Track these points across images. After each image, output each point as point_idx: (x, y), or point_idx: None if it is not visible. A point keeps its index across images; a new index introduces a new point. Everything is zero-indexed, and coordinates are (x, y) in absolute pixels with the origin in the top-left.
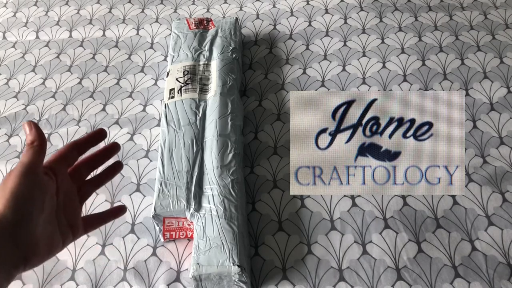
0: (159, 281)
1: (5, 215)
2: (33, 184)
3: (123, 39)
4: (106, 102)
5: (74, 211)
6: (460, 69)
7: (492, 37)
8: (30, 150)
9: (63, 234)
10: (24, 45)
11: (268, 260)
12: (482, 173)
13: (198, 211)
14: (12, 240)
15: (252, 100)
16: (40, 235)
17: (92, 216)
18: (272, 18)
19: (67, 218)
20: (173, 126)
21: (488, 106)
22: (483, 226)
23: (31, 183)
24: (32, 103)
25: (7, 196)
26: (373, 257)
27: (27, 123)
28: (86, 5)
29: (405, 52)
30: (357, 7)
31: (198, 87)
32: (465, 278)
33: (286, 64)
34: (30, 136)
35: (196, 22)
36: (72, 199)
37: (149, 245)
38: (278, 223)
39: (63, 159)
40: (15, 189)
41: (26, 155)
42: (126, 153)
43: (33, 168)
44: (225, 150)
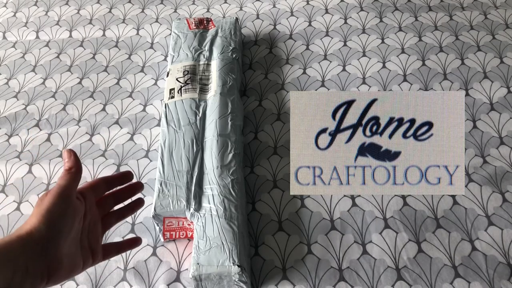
0: (159, 281)
1: (40, 229)
2: (67, 205)
3: (123, 39)
4: (106, 102)
5: (97, 238)
6: (460, 69)
7: (492, 37)
8: (68, 175)
9: (84, 257)
10: (24, 45)
11: (268, 260)
12: (482, 173)
13: (198, 211)
14: (42, 254)
15: (252, 100)
16: (65, 253)
17: (110, 244)
18: (272, 18)
19: (90, 242)
20: (173, 126)
21: (488, 106)
22: (483, 226)
23: (65, 204)
24: (32, 103)
25: (43, 213)
26: (373, 257)
27: (67, 151)
28: (86, 5)
29: (405, 52)
30: (357, 7)
31: (198, 87)
32: (465, 278)
33: (286, 64)
34: (69, 163)
35: (196, 22)
36: (96, 226)
37: (149, 245)
38: (278, 223)
39: (93, 189)
40: (51, 207)
41: (63, 178)
42: (126, 153)
43: (68, 191)
44: (225, 150)
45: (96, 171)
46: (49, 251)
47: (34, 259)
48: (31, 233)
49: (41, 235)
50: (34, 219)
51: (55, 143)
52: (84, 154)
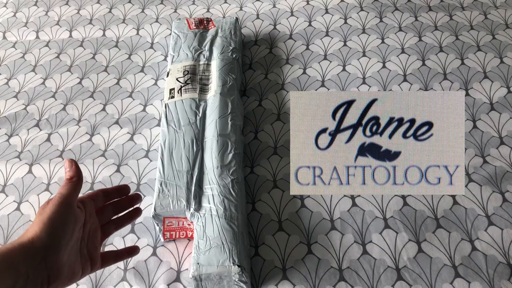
0: (159, 281)
1: (41, 237)
2: (68, 213)
3: (123, 39)
4: (106, 102)
5: (96, 246)
6: (460, 69)
7: (492, 37)
8: (69, 184)
9: (83, 265)
10: (24, 45)
11: (268, 260)
12: (482, 173)
13: (198, 211)
14: (43, 261)
15: (252, 100)
16: (65, 261)
17: (109, 252)
18: (272, 18)
19: (89, 250)
20: (173, 126)
21: (488, 106)
22: (483, 226)
23: (66, 212)
24: (32, 103)
25: (44, 221)
26: (373, 257)
27: (68, 161)
28: (86, 5)
29: (405, 52)
30: (357, 7)
31: (198, 87)
32: (465, 278)
33: (286, 64)
34: (70, 173)
35: (196, 22)
36: (96, 234)
37: (149, 245)
38: (278, 223)
39: (92, 199)
40: (52, 215)
41: (64, 187)
42: (126, 153)
43: (69, 200)
44: (225, 150)
45: (96, 171)
46: (50, 259)
47: (35, 267)
48: (32, 241)
49: (42, 243)
50: (35, 227)
51: (55, 143)
52: (84, 154)
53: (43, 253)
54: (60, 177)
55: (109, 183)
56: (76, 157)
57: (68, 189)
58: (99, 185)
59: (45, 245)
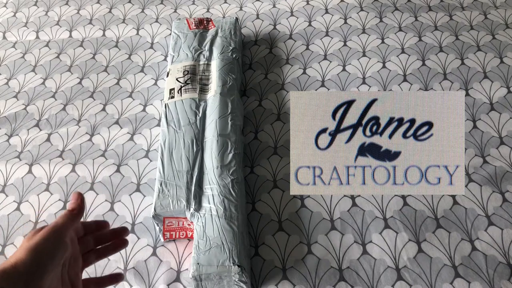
0: (159, 281)
1: (25, 262)
2: (58, 243)
3: (123, 39)
4: (106, 102)
5: (77, 273)
6: (460, 69)
7: (492, 37)
8: (68, 215)
9: None
10: (24, 45)
11: (268, 260)
12: (482, 173)
13: (198, 211)
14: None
15: (252, 100)
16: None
17: (91, 279)
18: (272, 18)
19: (70, 278)
20: (173, 126)
21: (488, 106)
22: (483, 226)
23: (57, 241)
24: (32, 103)
25: (31, 247)
26: (373, 257)
27: (77, 194)
28: (86, 5)
29: (405, 52)
30: (357, 7)
31: (198, 87)
32: (465, 278)
33: (286, 64)
34: (74, 205)
35: (196, 22)
36: (77, 261)
37: (149, 245)
38: (278, 223)
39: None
40: (41, 242)
41: (63, 218)
42: (126, 153)
43: (63, 230)
44: (225, 150)
45: (96, 171)
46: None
47: None
48: (15, 266)
49: (25, 268)
50: (21, 253)
51: (55, 143)
52: (84, 154)
53: (25, 278)
54: (60, 177)
55: (109, 183)
56: (76, 157)
57: (66, 220)
58: (99, 185)
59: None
